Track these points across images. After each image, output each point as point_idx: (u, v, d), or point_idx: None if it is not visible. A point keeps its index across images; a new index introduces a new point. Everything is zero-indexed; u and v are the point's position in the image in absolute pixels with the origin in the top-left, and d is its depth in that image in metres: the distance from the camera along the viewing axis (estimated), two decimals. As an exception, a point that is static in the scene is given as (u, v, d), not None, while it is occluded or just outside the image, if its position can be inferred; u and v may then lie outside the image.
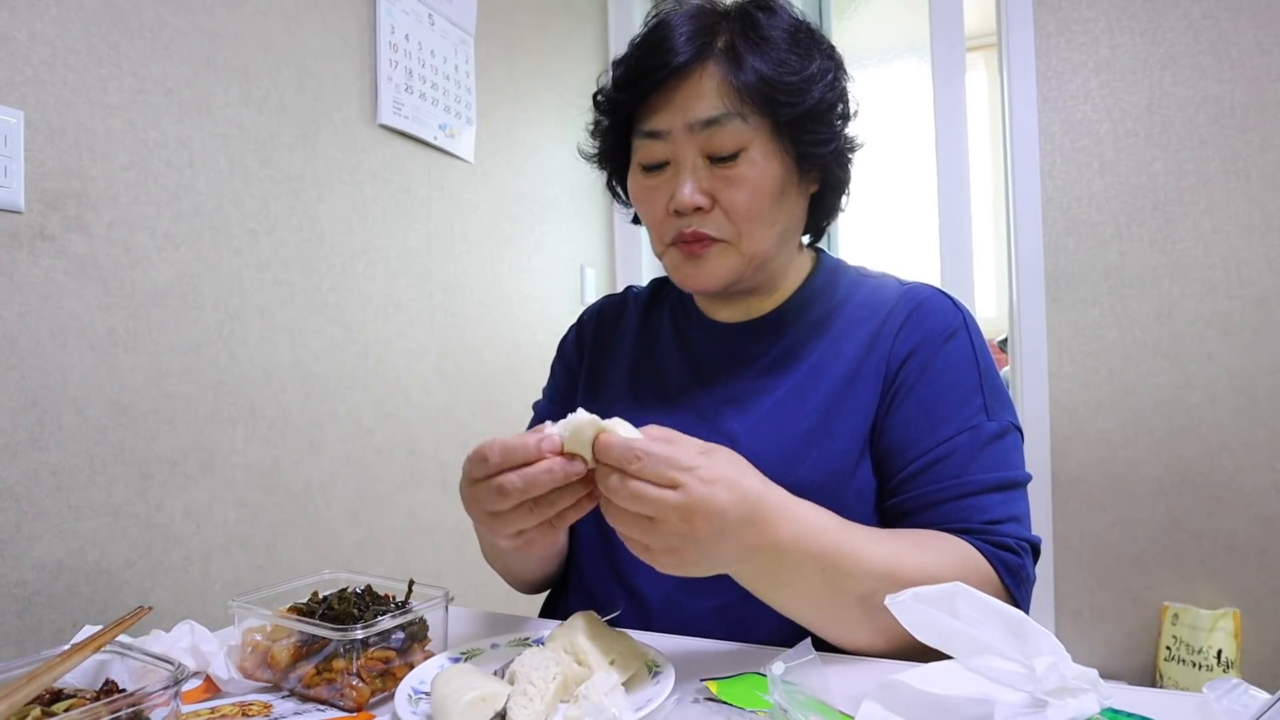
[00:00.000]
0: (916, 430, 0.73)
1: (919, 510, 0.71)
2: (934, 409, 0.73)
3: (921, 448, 0.72)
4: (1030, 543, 0.70)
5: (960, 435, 0.72)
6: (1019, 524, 0.71)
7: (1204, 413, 1.81)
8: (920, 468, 0.72)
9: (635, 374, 0.88)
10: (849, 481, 0.74)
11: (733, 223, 0.75)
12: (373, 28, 1.47)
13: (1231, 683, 0.50)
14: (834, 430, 0.75)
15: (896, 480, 0.73)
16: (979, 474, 0.71)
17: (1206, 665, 1.72)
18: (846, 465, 0.74)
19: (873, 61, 2.50)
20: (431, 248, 1.61)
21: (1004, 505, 0.70)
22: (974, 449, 0.71)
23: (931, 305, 0.79)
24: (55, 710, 0.52)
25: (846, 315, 0.81)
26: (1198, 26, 1.81)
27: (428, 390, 1.60)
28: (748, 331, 0.84)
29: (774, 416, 0.77)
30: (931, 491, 0.71)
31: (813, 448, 0.74)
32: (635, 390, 0.87)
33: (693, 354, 0.86)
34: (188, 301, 1.12)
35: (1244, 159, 1.78)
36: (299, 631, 0.64)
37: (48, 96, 0.96)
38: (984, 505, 0.70)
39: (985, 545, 0.67)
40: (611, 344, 0.93)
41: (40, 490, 0.94)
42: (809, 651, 0.54)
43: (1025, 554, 0.69)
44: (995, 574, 0.67)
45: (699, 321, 0.88)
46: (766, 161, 0.74)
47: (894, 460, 0.74)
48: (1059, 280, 1.93)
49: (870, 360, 0.77)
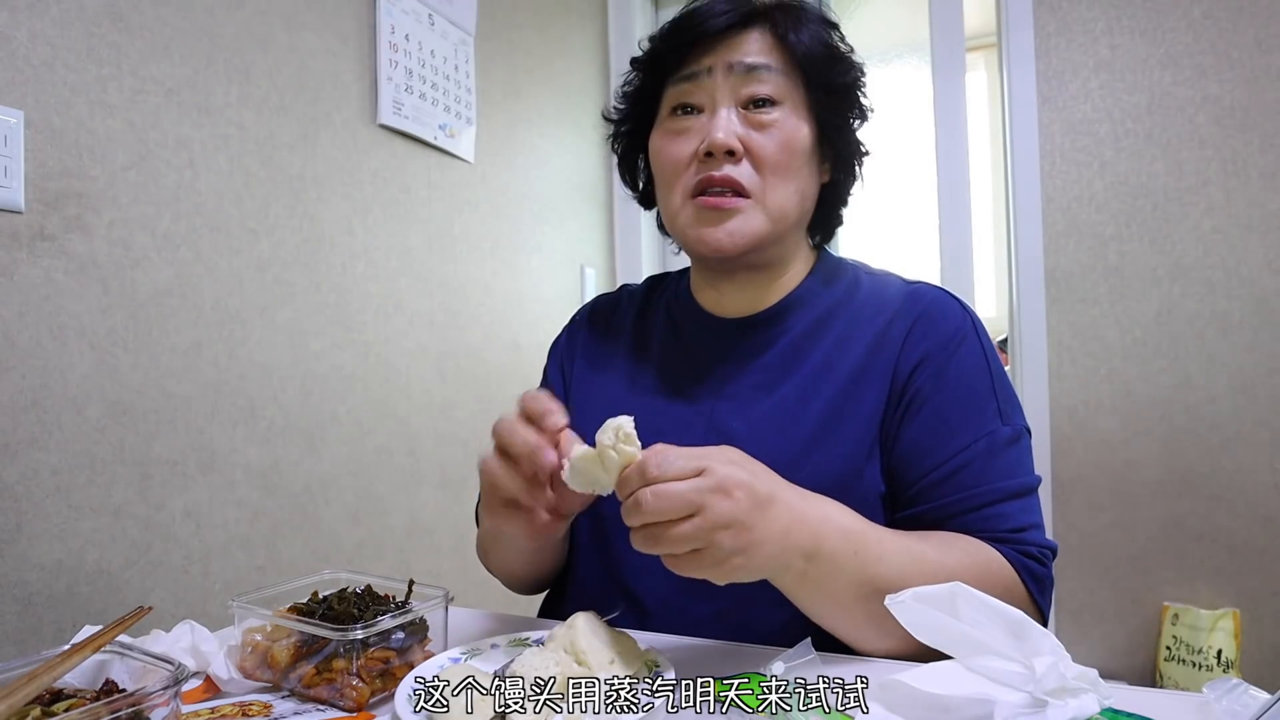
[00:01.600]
0: (933, 440, 0.72)
1: (940, 521, 0.71)
2: (950, 417, 0.73)
3: (939, 457, 0.72)
4: (1051, 549, 0.71)
5: (978, 442, 0.71)
6: (1039, 531, 0.71)
7: (1204, 413, 1.81)
8: (940, 478, 0.71)
9: (632, 374, 0.87)
10: (852, 487, 0.73)
11: (760, 174, 0.75)
12: (373, 28, 1.47)
13: (1231, 683, 0.50)
14: (837, 434, 0.74)
15: (914, 491, 0.72)
16: (998, 481, 0.70)
17: (1206, 665, 1.72)
18: (849, 470, 0.73)
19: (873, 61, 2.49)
20: (431, 248, 1.61)
21: (1024, 513, 0.71)
22: (991, 456, 0.71)
23: (939, 308, 0.78)
24: (55, 710, 0.52)
25: (850, 314, 0.80)
26: (1198, 26, 1.81)
27: (428, 390, 1.60)
28: (748, 326, 0.82)
29: (776, 417, 0.77)
30: (952, 502, 0.70)
31: (815, 451, 0.74)
32: (632, 390, 0.86)
33: (691, 351, 0.85)
34: (188, 301, 1.12)
35: (1244, 159, 1.78)
36: (299, 631, 0.64)
37: (48, 96, 0.96)
38: (1006, 513, 0.70)
39: (1011, 552, 0.68)
40: (606, 344, 0.91)
41: (40, 490, 0.94)
42: (809, 651, 0.54)
43: (1048, 564, 0.70)
44: (1019, 580, 0.67)
45: (696, 317, 0.86)
46: (797, 122, 0.76)
47: (911, 470, 0.73)
48: (1059, 280, 1.93)
49: (876, 363, 0.76)
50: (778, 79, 0.75)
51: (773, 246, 0.79)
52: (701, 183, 0.75)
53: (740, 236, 0.75)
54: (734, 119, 0.74)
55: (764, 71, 0.74)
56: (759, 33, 0.76)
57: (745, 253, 0.77)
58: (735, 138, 0.74)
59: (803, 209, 0.79)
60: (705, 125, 0.75)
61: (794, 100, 0.76)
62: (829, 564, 0.61)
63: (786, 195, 0.76)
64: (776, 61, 0.75)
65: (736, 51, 0.75)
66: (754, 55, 0.75)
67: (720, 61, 0.75)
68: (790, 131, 0.75)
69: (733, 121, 0.74)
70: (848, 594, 0.63)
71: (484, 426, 1.93)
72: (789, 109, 0.76)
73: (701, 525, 0.54)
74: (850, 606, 0.63)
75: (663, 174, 0.80)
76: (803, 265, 0.85)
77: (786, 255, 0.82)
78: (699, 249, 0.79)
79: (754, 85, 0.75)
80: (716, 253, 0.77)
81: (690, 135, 0.76)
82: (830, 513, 0.63)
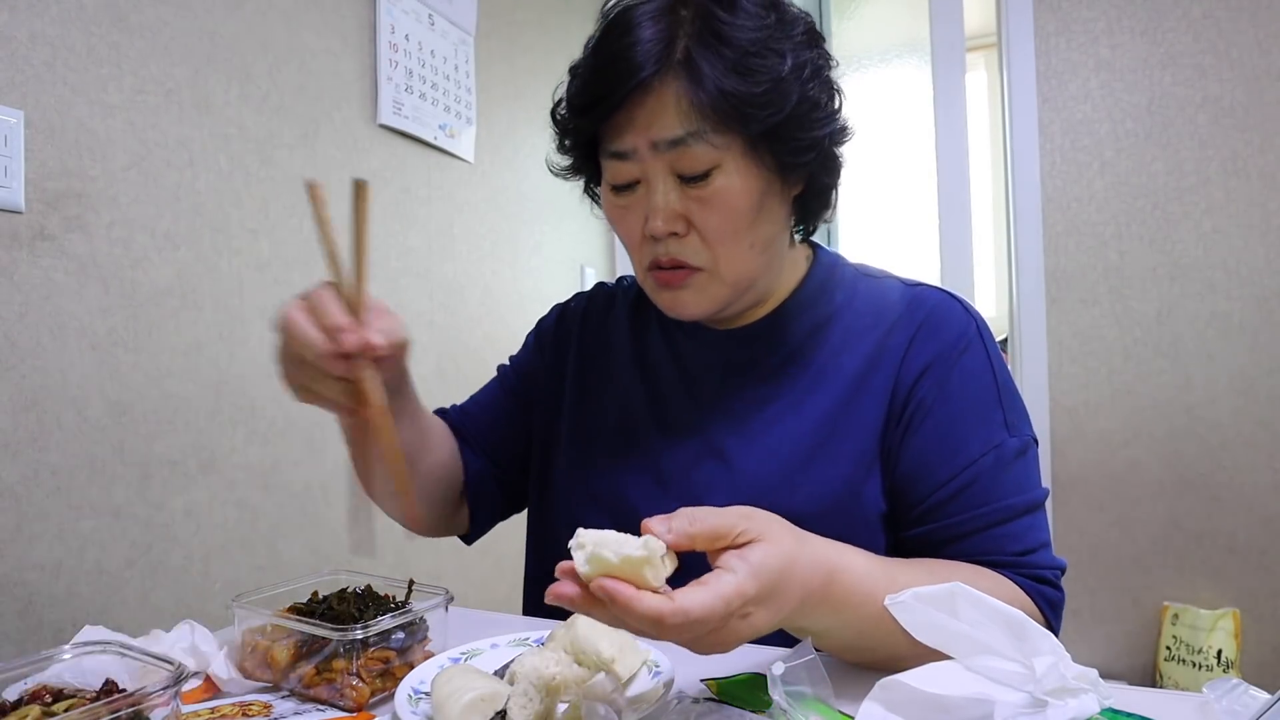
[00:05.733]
0: (938, 455, 0.69)
1: (948, 543, 0.68)
2: (954, 431, 0.69)
3: (945, 474, 0.69)
4: (1061, 568, 0.69)
5: (985, 457, 0.68)
6: (1048, 550, 0.69)
7: (1204, 413, 1.81)
8: (946, 496, 0.68)
9: (626, 393, 0.84)
10: (853, 509, 0.70)
11: (709, 247, 0.69)
12: (373, 28, 1.47)
13: (1231, 683, 0.50)
14: (835, 452, 0.71)
15: (920, 510, 0.69)
16: (1007, 498, 0.68)
17: (1206, 665, 1.72)
18: (849, 492, 0.71)
19: (873, 61, 2.50)
20: (431, 248, 1.61)
21: (1032, 531, 0.68)
22: (999, 470, 0.68)
23: (942, 313, 0.74)
24: (55, 710, 0.52)
25: (847, 321, 0.77)
26: (1198, 26, 1.81)
27: (428, 390, 1.59)
28: (743, 337, 0.79)
29: (770, 435, 0.74)
30: (960, 522, 0.68)
31: (812, 469, 0.71)
32: (626, 408, 0.82)
33: (685, 364, 0.82)
34: (188, 301, 1.12)
35: (1244, 159, 1.78)
36: (299, 631, 0.64)
37: (48, 96, 0.96)
38: (1015, 533, 0.67)
39: (1025, 580, 0.66)
40: (597, 348, 0.89)
41: (40, 490, 0.94)
42: (809, 651, 0.54)
43: (1059, 582, 0.68)
44: (1036, 608, 0.66)
45: (690, 327, 0.82)
46: (742, 178, 0.67)
47: (916, 488, 0.70)
48: (1059, 280, 1.93)
49: (877, 374, 0.73)
50: (706, 145, 0.65)
51: (746, 294, 0.75)
52: (653, 261, 0.71)
53: (699, 306, 0.72)
54: (671, 196, 0.67)
55: (690, 141, 0.65)
56: (675, 92, 0.65)
57: (714, 315, 0.75)
58: (675, 219, 0.68)
59: (770, 250, 0.73)
60: (645, 201, 0.69)
61: (733, 154, 0.66)
62: (838, 641, 0.60)
63: (741, 257, 0.70)
64: (700, 122, 0.64)
65: (656, 122, 0.65)
66: (674, 126, 0.65)
67: (643, 140, 0.66)
68: (733, 197, 0.67)
69: (670, 200, 0.67)
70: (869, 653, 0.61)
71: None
72: (729, 168, 0.67)
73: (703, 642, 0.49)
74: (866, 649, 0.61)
75: (621, 242, 0.77)
76: (795, 269, 0.81)
77: (769, 283, 0.78)
78: (667, 314, 0.76)
79: (683, 161, 0.66)
80: (684, 319, 0.76)
81: (634, 211, 0.70)
82: (847, 601, 0.56)
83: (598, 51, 0.69)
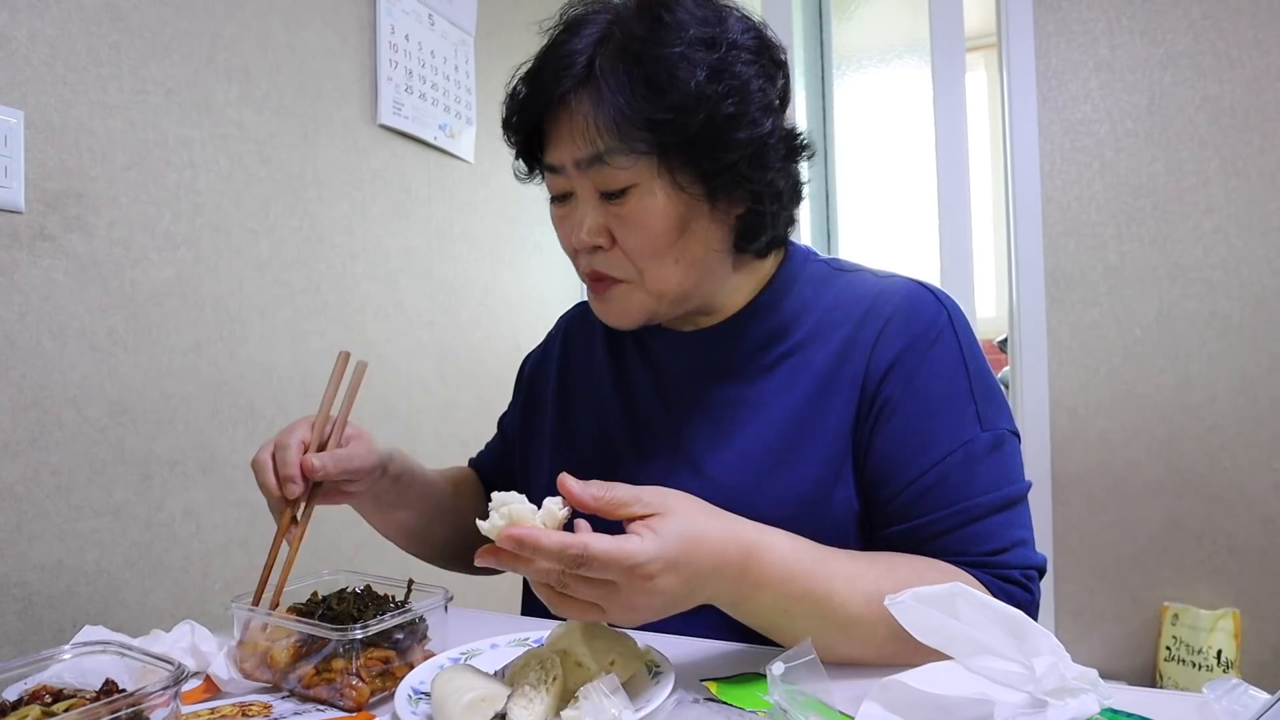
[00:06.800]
0: (907, 453, 0.68)
1: (921, 542, 0.67)
2: (922, 427, 0.68)
3: (913, 472, 0.67)
4: (1037, 568, 0.67)
5: (954, 454, 0.67)
6: (1025, 547, 0.67)
7: (1204, 413, 1.81)
8: (914, 496, 0.67)
9: (603, 403, 0.85)
10: (823, 511, 0.69)
11: (632, 262, 0.70)
12: (373, 28, 1.47)
13: (1231, 683, 0.50)
14: (802, 453, 0.70)
15: (890, 509, 0.68)
16: (977, 496, 0.66)
17: (1206, 665, 1.72)
18: (819, 494, 0.70)
19: (873, 61, 2.50)
20: (431, 248, 1.61)
21: (1007, 529, 0.66)
22: (969, 467, 0.67)
23: (912, 305, 0.72)
24: (55, 710, 0.52)
25: (817, 317, 0.75)
26: (1198, 26, 1.81)
27: (428, 390, 1.60)
28: (710, 337, 0.78)
29: (742, 436, 0.73)
30: (929, 523, 0.66)
31: (780, 472, 0.71)
32: (603, 418, 0.84)
33: (655, 367, 0.82)
34: (188, 301, 1.12)
35: (1244, 159, 1.78)
36: (299, 631, 0.64)
37: (48, 96, 0.96)
38: (986, 532, 0.66)
39: (993, 580, 0.64)
40: (578, 360, 0.91)
41: (40, 490, 0.94)
42: (809, 651, 0.54)
43: (1033, 584, 0.66)
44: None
45: (658, 330, 0.82)
46: (663, 197, 0.67)
47: (884, 488, 0.68)
48: (1059, 280, 1.93)
49: (845, 371, 0.71)
50: (619, 163, 0.66)
51: (679, 305, 0.74)
52: (584, 270, 0.74)
53: (627, 316, 0.74)
54: (593, 212, 0.69)
55: (608, 158, 0.66)
56: (584, 111, 0.66)
57: (644, 324, 0.75)
58: (598, 233, 0.69)
59: (702, 269, 0.72)
60: (573, 215, 0.71)
61: (648, 172, 0.66)
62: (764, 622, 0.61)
63: (666, 273, 0.70)
64: (610, 141, 0.65)
65: (575, 138, 0.67)
66: (591, 142, 0.66)
67: (568, 157, 0.68)
68: (650, 217, 0.67)
69: (591, 216, 0.69)
70: (789, 622, 0.61)
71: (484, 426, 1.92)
72: (647, 187, 0.67)
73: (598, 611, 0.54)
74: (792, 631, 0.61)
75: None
76: (755, 276, 0.79)
77: (711, 294, 0.76)
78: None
79: (601, 177, 0.67)
80: (617, 327, 0.77)
81: (568, 221, 0.72)
82: (769, 578, 0.58)
83: (537, 59, 0.71)
